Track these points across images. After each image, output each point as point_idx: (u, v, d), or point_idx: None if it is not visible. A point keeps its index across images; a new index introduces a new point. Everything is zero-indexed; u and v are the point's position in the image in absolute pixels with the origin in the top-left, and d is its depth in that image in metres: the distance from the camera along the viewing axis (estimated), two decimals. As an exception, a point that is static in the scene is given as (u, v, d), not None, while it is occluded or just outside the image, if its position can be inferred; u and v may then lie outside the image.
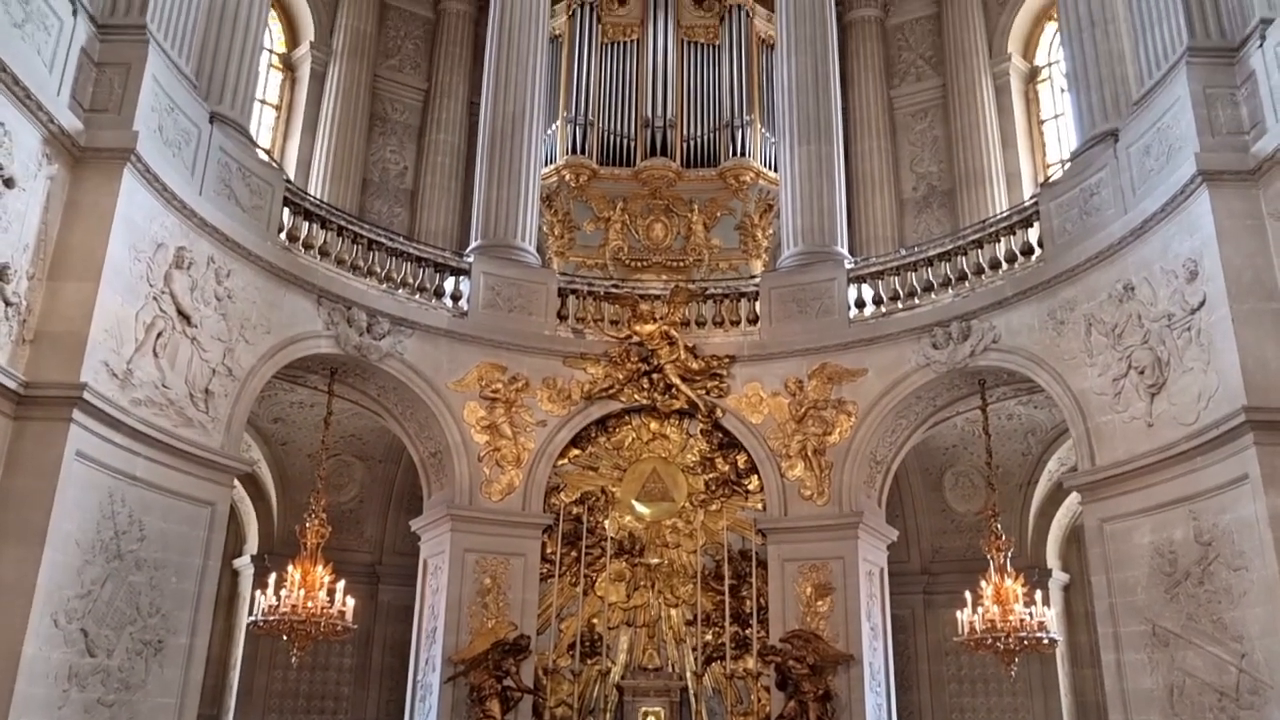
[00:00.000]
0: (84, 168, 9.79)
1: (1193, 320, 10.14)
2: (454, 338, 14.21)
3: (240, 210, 11.91)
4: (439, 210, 19.22)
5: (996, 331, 12.88)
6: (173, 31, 11.08)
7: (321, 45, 19.27)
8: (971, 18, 19.32)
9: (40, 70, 9.17)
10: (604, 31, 19.21)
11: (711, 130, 18.53)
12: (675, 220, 18.31)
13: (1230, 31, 10.57)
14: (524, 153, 15.69)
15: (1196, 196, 10.11)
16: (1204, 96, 10.28)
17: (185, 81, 11.25)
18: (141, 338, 10.13)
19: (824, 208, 15.46)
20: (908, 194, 19.65)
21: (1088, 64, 12.71)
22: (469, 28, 20.58)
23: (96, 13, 10.34)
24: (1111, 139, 11.89)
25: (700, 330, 15.14)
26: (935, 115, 19.70)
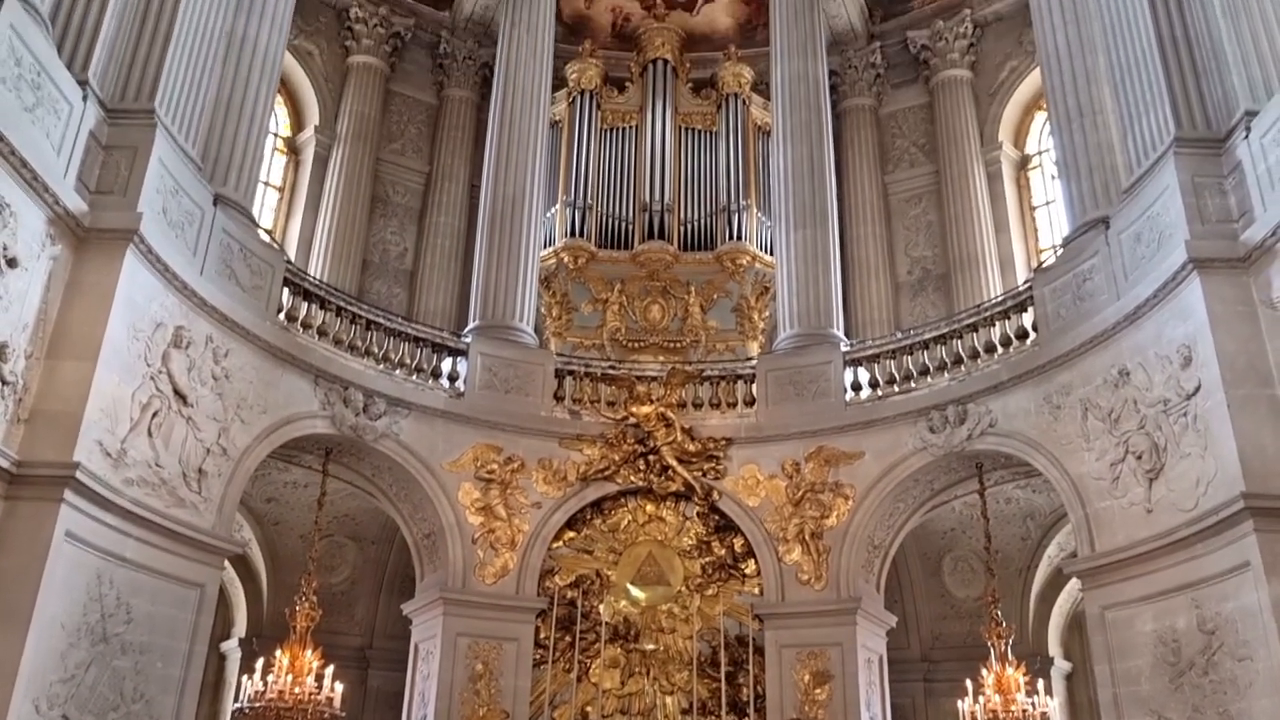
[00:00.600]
0: (87, 248, 9.88)
1: (1188, 406, 10.15)
2: (450, 418, 14.19)
3: (240, 290, 12.00)
4: (438, 291, 19.35)
5: (993, 415, 12.89)
6: (180, 116, 11.30)
7: (326, 129, 19.63)
8: (963, 108, 19.74)
9: (48, 153, 9.31)
10: (603, 118, 19.63)
11: (709, 214, 18.83)
12: (672, 302, 18.47)
13: (1216, 122, 10.79)
14: (523, 235, 15.89)
15: (1188, 283, 10.22)
16: (1192, 185, 10.45)
17: (190, 164, 11.43)
18: (137, 417, 10.11)
19: (820, 291, 15.61)
20: (903, 278, 19.83)
21: (1077, 153, 12.97)
22: (471, 113, 20.98)
23: (106, 98, 10.55)
24: (1103, 226, 12.06)
25: (697, 412, 15.13)
26: (929, 201, 19.98)
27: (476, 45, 21.16)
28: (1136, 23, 11.58)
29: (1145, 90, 11.34)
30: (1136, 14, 11.56)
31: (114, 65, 10.84)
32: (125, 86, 10.88)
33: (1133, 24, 11.66)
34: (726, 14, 21.50)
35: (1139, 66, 11.48)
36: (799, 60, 17.30)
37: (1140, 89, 11.44)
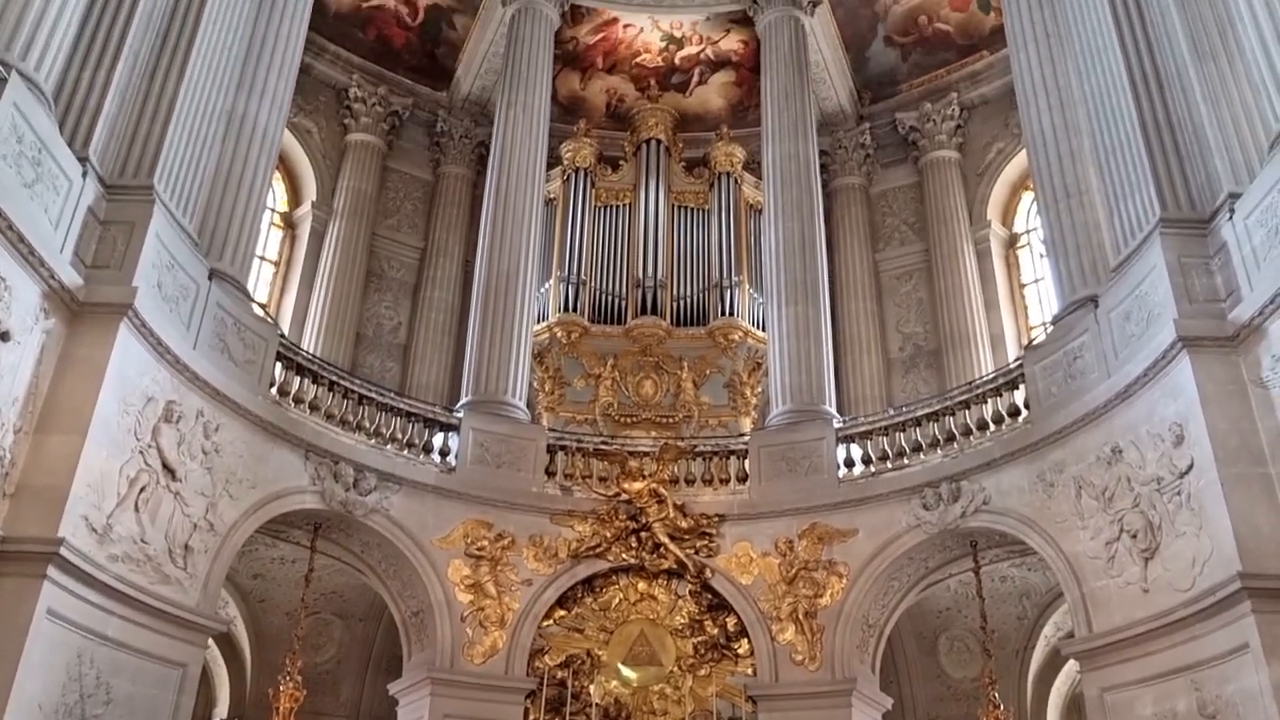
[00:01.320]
0: (81, 322, 9.88)
1: (1182, 484, 10.12)
2: (441, 494, 14.09)
3: (233, 365, 12.00)
4: (431, 365, 19.38)
5: (986, 493, 12.84)
6: (179, 192, 11.43)
7: (323, 205, 19.85)
8: (951, 187, 20.08)
9: (46, 228, 9.38)
10: (597, 195, 19.91)
11: (701, 290, 18.98)
12: (665, 377, 18.51)
13: (1200, 203, 10.95)
14: (517, 310, 15.96)
15: (1178, 361, 10.27)
16: (1179, 265, 10.57)
17: (187, 239, 11.52)
18: (124, 492, 10.01)
19: (812, 367, 15.65)
20: (894, 354, 19.93)
21: (1064, 232, 13.13)
22: (467, 190, 21.27)
23: (106, 174, 10.67)
24: (1092, 304, 12.16)
25: (689, 488, 15.04)
26: (920, 278, 20.19)
27: (473, 124, 21.56)
28: (1119, 107, 11.84)
29: (1130, 172, 11.55)
30: (1119, 99, 11.83)
31: (115, 142, 10.99)
32: (125, 162, 11.01)
33: (1116, 108, 11.92)
34: (719, 95, 21.97)
35: (1123, 149, 11.71)
36: (790, 141, 17.61)
37: (1125, 171, 11.64)
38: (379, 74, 20.97)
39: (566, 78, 21.48)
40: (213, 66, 12.18)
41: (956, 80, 20.70)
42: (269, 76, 13.61)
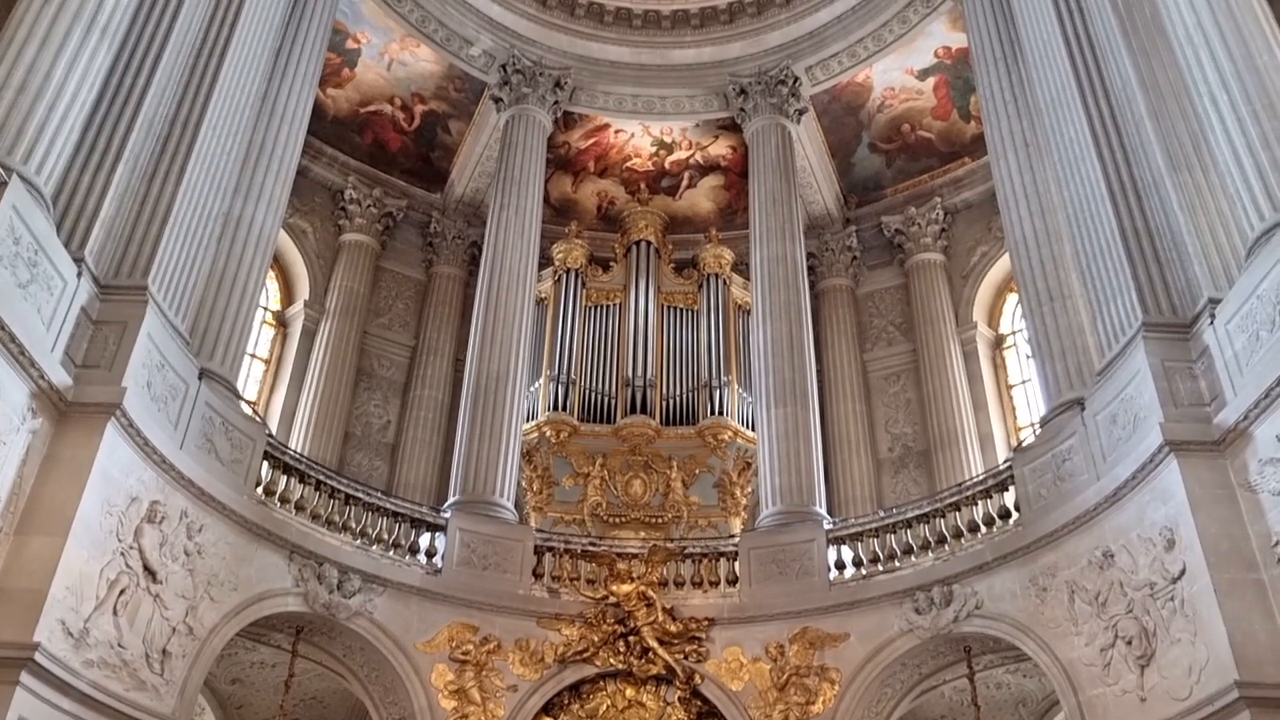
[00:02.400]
0: (68, 421, 9.84)
1: (1175, 590, 10.03)
2: (426, 596, 13.85)
3: (220, 464, 11.92)
4: (419, 464, 19.27)
5: (979, 597, 12.70)
6: (172, 292, 11.51)
7: (315, 304, 20.00)
8: (937, 289, 20.38)
9: (38, 328, 9.41)
10: (588, 295, 20.12)
11: (690, 390, 19.05)
12: (654, 477, 18.44)
13: (1181, 308, 11.11)
14: (506, 409, 15.96)
15: (1166, 465, 10.28)
16: (1163, 369, 10.67)
17: (179, 339, 11.56)
18: (103, 595, 9.81)
19: (801, 468, 15.62)
20: (884, 454, 19.93)
21: (1049, 335, 13.29)
22: (459, 289, 21.49)
23: (101, 274, 10.76)
24: (1078, 407, 12.24)
25: (679, 591, 14.83)
26: (908, 379, 20.33)
27: (466, 225, 21.90)
28: (1099, 214, 12.11)
29: (1111, 277, 11.75)
30: (1098, 206, 12.11)
31: (111, 243, 11.10)
32: (121, 263, 11.11)
33: (1095, 215, 12.19)
34: (707, 199, 22.43)
35: (1104, 255, 11.94)
36: (778, 243, 17.92)
37: (1106, 276, 11.84)
38: (374, 176, 21.38)
39: (559, 180, 21.94)
40: (211, 170, 12.41)
41: (940, 185, 21.20)
42: (266, 180, 13.87)
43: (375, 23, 19.06)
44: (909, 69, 19.80)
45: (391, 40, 19.50)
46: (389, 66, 20.03)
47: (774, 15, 19.87)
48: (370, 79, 20.24)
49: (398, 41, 19.52)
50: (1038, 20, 14.08)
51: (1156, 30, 12.12)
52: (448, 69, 20.03)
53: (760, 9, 19.94)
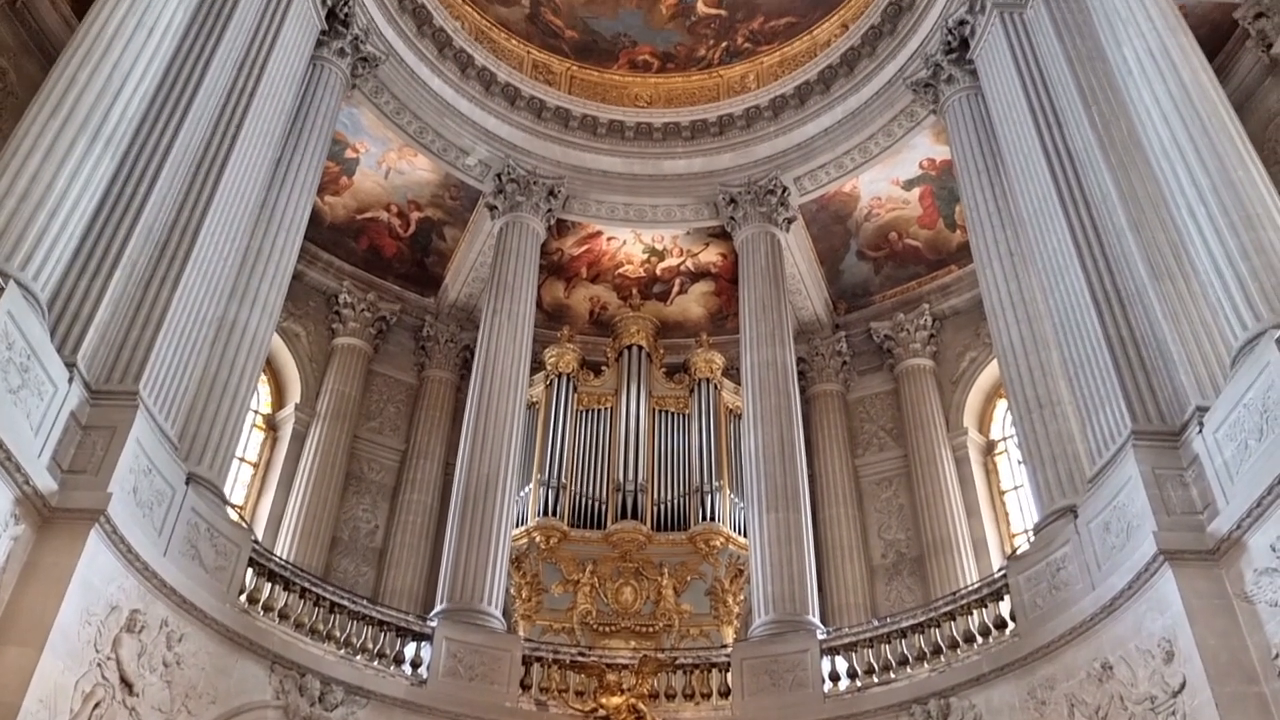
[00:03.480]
0: (51, 527, 9.70)
1: (1176, 704, 9.81)
2: (410, 709, 13.47)
3: (203, 572, 11.72)
4: (407, 570, 18.97)
5: (977, 710, 12.41)
6: (163, 396, 11.49)
7: (306, 407, 19.96)
8: (927, 395, 20.47)
9: (26, 433, 9.36)
10: (579, 399, 20.14)
11: (681, 495, 18.92)
12: (645, 584, 18.16)
13: (1170, 416, 11.17)
14: (495, 515, 15.81)
15: (1161, 574, 10.18)
16: (1154, 477, 10.65)
17: (167, 443, 11.50)
18: (77, 709, 9.52)
19: (794, 575, 15.42)
20: (877, 561, 19.71)
21: (1039, 442, 13.31)
22: (450, 393, 21.51)
23: (92, 378, 10.75)
24: (1071, 514, 12.17)
25: (670, 703, 14.47)
26: (900, 484, 20.25)
27: (459, 329, 22.06)
28: (1084, 323, 12.28)
29: (1099, 385, 11.84)
30: (1083, 315, 12.29)
31: (104, 347, 11.12)
32: (113, 367, 11.12)
33: (1081, 324, 12.36)
34: (698, 304, 22.69)
35: (1091, 363, 12.05)
36: (768, 348, 18.06)
37: (1094, 383, 11.93)
38: (369, 281, 21.61)
39: (551, 286, 22.20)
40: (208, 276, 12.54)
41: (927, 292, 21.50)
42: (262, 285, 14.01)
43: (374, 133, 19.53)
44: (895, 179, 20.29)
45: (390, 150, 19.95)
46: (386, 175, 20.45)
47: (763, 128, 20.44)
48: (368, 187, 20.64)
49: (396, 151, 19.98)
50: (1018, 134, 14.52)
51: (1134, 145, 12.52)
52: (444, 177, 20.45)
53: (749, 122, 20.53)
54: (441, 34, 19.25)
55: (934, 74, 17.41)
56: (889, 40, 18.72)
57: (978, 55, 16.21)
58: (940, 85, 17.34)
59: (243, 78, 14.02)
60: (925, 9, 17.73)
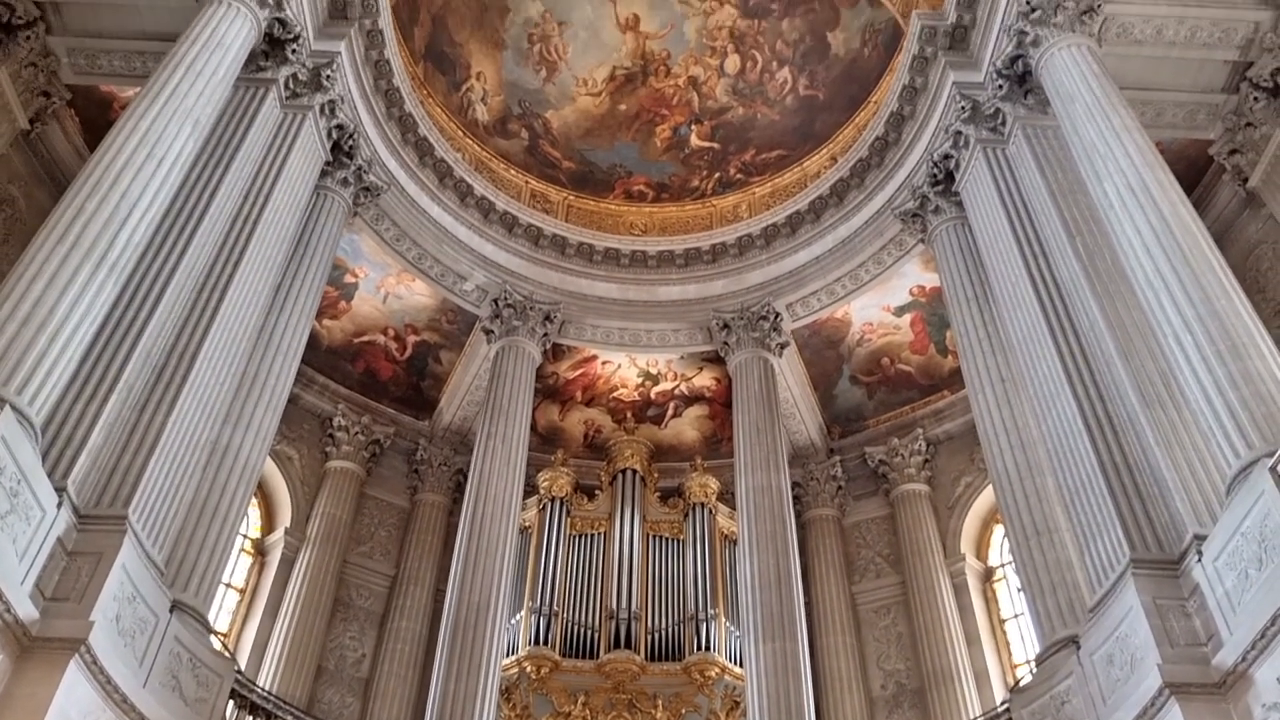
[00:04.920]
0: (30, 657, 9.43)
1: (1188, 845, 9.44)
2: None
3: (183, 704, 11.34)
4: (393, 700, 18.44)
5: None
6: (152, 522, 11.36)
7: (296, 531, 19.73)
8: (923, 520, 20.32)
9: (10, 560, 9.21)
10: (573, 524, 19.98)
11: (676, 623, 18.58)
12: (639, 717, 17.72)
13: (1168, 544, 11.05)
14: (486, 644, 15.46)
15: (1168, 709, 9.89)
16: (1156, 608, 10.46)
17: (153, 570, 11.29)
18: None
19: (792, 708, 15.02)
20: (876, 692, 19.22)
21: (1038, 571, 13.14)
22: (442, 518, 21.31)
23: (82, 503, 10.63)
24: (1073, 645, 11.92)
25: (664, 845, 13.88)
26: (898, 612, 19.91)
27: (452, 452, 22.00)
28: (1078, 450, 12.28)
29: (1096, 512, 11.76)
30: (1076, 442, 12.30)
31: (95, 472, 11.04)
32: (103, 492, 11.02)
33: (1074, 450, 12.36)
34: (693, 428, 22.73)
35: (1086, 490, 12.01)
36: (762, 473, 18.01)
37: (1091, 511, 11.87)
38: (364, 404, 21.67)
39: (546, 409, 22.27)
40: (203, 400, 12.56)
41: (921, 417, 21.58)
42: (257, 409, 14.02)
43: (374, 259, 19.89)
44: (886, 306, 20.61)
45: (389, 275, 20.29)
46: (384, 299, 20.74)
47: (755, 256, 20.88)
48: (366, 311, 20.90)
49: (394, 276, 20.31)
50: (1005, 264, 14.83)
51: (1119, 274, 12.77)
52: (441, 302, 20.74)
53: (741, 250, 20.98)
54: (442, 164, 19.81)
55: (921, 205, 17.88)
56: (877, 172, 19.29)
57: (963, 188, 16.68)
58: (928, 215, 17.79)
59: (248, 206, 14.33)
60: (911, 143, 18.32)
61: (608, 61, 21.29)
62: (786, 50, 20.82)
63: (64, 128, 16.32)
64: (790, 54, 20.83)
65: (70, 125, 16.44)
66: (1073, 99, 13.55)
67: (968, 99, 16.14)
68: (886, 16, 19.27)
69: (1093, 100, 13.24)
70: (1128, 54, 15.08)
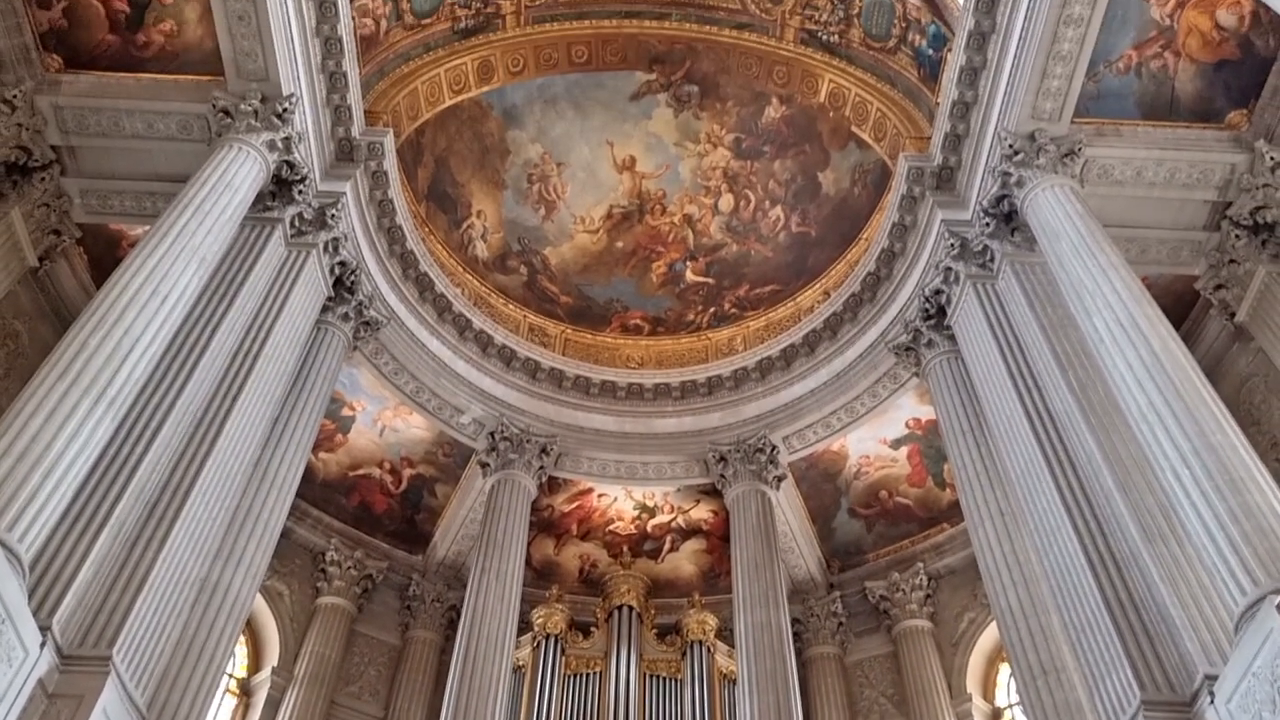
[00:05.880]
0: (-1, 808, 9.08)
1: None
2: None
3: None
4: None
5: None
6: (136, 661, 11.06)
7: (283, 670, 19.20)
8: (927, 658, 19.85)
9: (-12, 704, 8.96)
10: (568, 663, 19.49)
11: (675, 769, 17.90)
12: None
13: (1178, 684, 10.76)
14: (477, 792, 14.87)
15: None
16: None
17: (135, 713, 10.95)
18: None
19: None
20: (885, 843, 18.39)
21: (1046, 712, 12.74)
22: (434, 656, 20.80)
23: (66, 642, 10.36)
24: (1089, 791, 11.50)
25: None
26: (906, 756, 19.24)
27: (446, 588, 21.65)
28: (1081, 586, 12.08)
29: (1103, 651, 11.49)
30: (1080, 577, 12.11)
31: (82, 609, 10.80)
32: (88, 631, 10.74)
33: (1078, 587, 12.15)
34: (690, 563, 22.42)
35: (1092, 628, 11.76)
36: (762, 609, 17.67)
37: (1098, 650, 11.59)
38: (357, 538, 21.42)
39: (541, 543, 22.01)
40: (195, 537, 12.40)
41: (921, 551, 21.33)
42: (249, 545, 13.82)
43: (372, 392, 19.98)
44: (883, 439, 20.63)
45: (386, 408, 20.34)
46: (381, 432, 20.74)
47: (750, 388, 21.01)
48: (362, 444, 20.88)
49: (391, 409, 20.37)
50: (999, 397, 14.90)
51: (1113, 408, 12.82)
52: (438, 435, 20.73)
53: (737, 383, 21.13)
54: (442, 299, 20.12)
55: (914, 338, 18.08)
56: (870, 307, 19.59)
57: (955, 322, 16.92)
58: (921, 349, 17.98)
59: (249, 340, 14.46)
60: (903, 279, 18.68)
61: (605, 200, 21.93)
62: (779, 189, 21.47)
63: (72, 265, 16.62)
64: (782, 193, 21.47)
65: (78, 262, 16.74)
66: (1058, 237, 13.88)
67: (956, 236, 16.53)
68: (875, 158, 19.94)
69: (1078, 238, 13.56)
70: (1110, 194, 15.55)
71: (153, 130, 15.35)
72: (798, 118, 20.71)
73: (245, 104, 14.82)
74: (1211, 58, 14.97)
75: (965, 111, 16.42)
